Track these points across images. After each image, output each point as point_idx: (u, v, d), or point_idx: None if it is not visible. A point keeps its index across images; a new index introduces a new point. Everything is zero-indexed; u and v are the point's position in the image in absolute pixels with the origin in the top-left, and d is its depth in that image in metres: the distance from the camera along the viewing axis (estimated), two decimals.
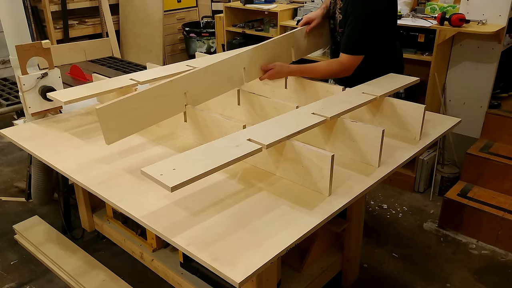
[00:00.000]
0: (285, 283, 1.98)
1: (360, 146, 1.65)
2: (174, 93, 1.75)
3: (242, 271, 1.13)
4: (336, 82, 2.33)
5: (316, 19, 2.29)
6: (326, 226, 1.55)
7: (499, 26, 2.79)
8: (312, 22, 2.29)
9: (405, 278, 2.41)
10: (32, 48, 2.01)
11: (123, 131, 1.64)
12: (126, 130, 1.65)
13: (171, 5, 5.39)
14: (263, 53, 2.08)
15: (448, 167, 3.14)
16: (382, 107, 1.91)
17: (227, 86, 1.96)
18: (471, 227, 2.70)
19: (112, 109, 1.59)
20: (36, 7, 4.55)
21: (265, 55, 2.08)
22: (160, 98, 1.70)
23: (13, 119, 2.37)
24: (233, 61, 1.96)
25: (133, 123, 1.65)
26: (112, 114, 1.59)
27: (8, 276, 2.44)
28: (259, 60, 2.06)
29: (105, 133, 1.59)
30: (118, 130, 1.62)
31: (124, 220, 2.40)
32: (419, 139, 1.84)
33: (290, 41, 2.23)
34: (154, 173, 1.26)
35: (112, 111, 1.59)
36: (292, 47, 2.23)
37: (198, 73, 1.83)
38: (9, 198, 3.16)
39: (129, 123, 1.64)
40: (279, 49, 2.17)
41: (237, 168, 1.62)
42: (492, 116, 3.03)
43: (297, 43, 2.26)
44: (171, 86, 1.74)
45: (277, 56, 2.15)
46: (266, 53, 2.09)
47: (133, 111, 1.64)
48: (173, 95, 1.74)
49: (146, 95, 1.67)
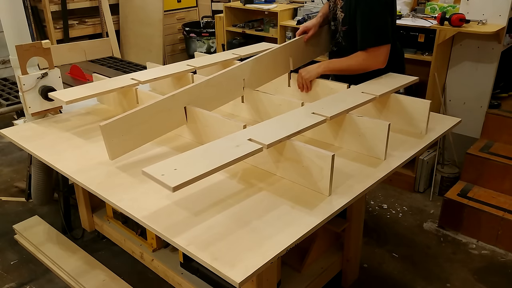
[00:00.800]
0: (285, 283, 1.98)
1: (368, 140, 1.69)
2: (176, 107, 1.77)
3: (242, 271, 1.13)
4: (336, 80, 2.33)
5: (313, 28, 2.31)
6: (326, 226, 1.55)
7: (499, 26, 2.79)
8: (310, 31, 2.32)
9: (405, 278, 2.41)
10: (32, 48, 2.01)
11: (126, 146, 1.66)
12: (129, 145, 1.67)
13: (171, 5, 5.39)
14: (262, 64, 2.11)
15: (448, 167, 3.14)
16: (388, 103, 1.94)
17: (228, 97, 2.00)
18: (471, 227, 2.70)
19: (116, 125, 1.61)
20: (36, 7, 4.55)
21: (264, 66, 2.12)
22: (162, 113, 1.73)
23: (13, 119, 2.37)
24: (233, 73, 1.99)
25: (136, 138, 1.68)
26: (116, 130, 1.61)
27: (8, 276, 2.44)
28: (258, 70, 2.09)
29: (109, 149, 1.62)
30: (122, 146, 1.65)
31: (124, 220, 2.40)
32: (426, 133, 1.87)
33: (288, 51, 2.26)
34: (156, 173, 1.26)
35: (116, 127, 1.61)
36: (290, 56, 2.26)
37: (199, 86, 1.85)
38: (9, 198, 3.16)
39: (133, 138, 1.67)
40: (278, 59, 2.20)
41: (237, 168, 1.62)
42: (492, 116, 3.03)
43: (295, 52, 2.29)
44: (173, 100, 1.76)
45: (276, 66, 2.19)
46: (265, 64, 2.12)
47: (136, 126, 1.66)
48: (175, 109, 1.77)
49: (149, 110, 1.69)
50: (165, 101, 1.73)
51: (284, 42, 3.81)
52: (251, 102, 2.03)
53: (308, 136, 1.85)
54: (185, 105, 1.80)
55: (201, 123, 1.78)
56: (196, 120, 1.79)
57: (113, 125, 1.60)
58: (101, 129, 1.57)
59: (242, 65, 2.02)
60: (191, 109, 1.79)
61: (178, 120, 1.80)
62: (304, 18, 3.49)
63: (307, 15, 3.50)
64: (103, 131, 1.58)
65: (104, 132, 1.58)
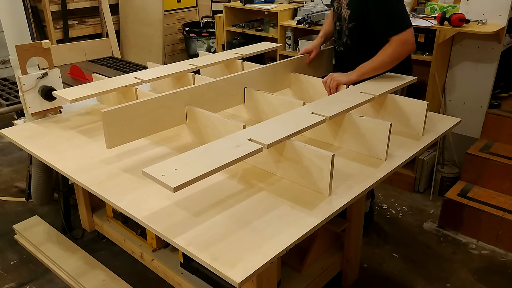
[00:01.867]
0: (285, 283, 1.98)
1: (368, 140, 1.68)
2: (177, 105, 1.79)
3: (242, 271, 1.13)
4: None
5: (315, 50, 2.35)
6: (326, 226, 1.55)
7: (499, 26, 2.79)
8: (311, 53, 2.35)
9: (405, 278, 2.41)
10: (32, 48, 2.01)
11: (124, 137, 1.67)
12: (127, 136, 1.68)
13: (171, 5, 5.39)
14: (264, 75, 2.13)
15: (448, 167, 3.14)
16: (385, 104, 1.94)
17: (228, 103, 2.01)
18: (471, 227, 2.70)
19: (117, 113, 1.62)
20: (36, 7, 4.55)
21: (266, 77, 2.14)
22: (163, 109, 1.74)
23: (13, 119, 2.37)
24: (235, 80, 2.00)
25: (134, 130, 1.69)
26: (116, 119, 1.62)
27: (8, 276, 2.44)
28: (260, 81, 2.11)
29: (107, 137, 1.62)
30: (120, 136, 1.65)
31: (124, 220, 2.40)
32: (422, 135, 1.86)
33: (291, 66, 2.28)
34: (156, 173, 1.26)
35: (117, 116, 1.62)
36: (291, 72, 2.28)
37: (202, 88, 1.87)
38: (9, 198, 3.16)
39: (131, 130, 1.68)
40: (280, 73, 2.22)
41: (237, 168, 1.62)
42: (492, 116, 3.03)
43: (297, 69, 2.31)
44: (175, 98, 1.77)
45: (277, 79, 2.21)
46: (267, 75, 2.15)
47: (136, 118, 1.68)
48: (175, 106, 1.78)
49: (150, 104, 1.71)
50: (167, 97, 1.75)
51: (284, 42, 3.87)
52: (252, 102, 2.03)
53: (308, 136, 1.85)
54: (186, 104, 1.81)
55: (201, 123, 1.78)
56: (196, 120, 1.80)
57: (114, 113, 1.61)
58: (102, 115, 1.58)
59: (245, 73, 2.05)
60: (192, 109, 1.80)
61: (178, 118, 1.81)
62: (304, 18, 3.48)
63: (307, 15, 3.49)
64: (104, 117, 1.59)
65: (105, 118, 1.59)
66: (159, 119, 1.75)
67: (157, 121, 1.75)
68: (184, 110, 1.81)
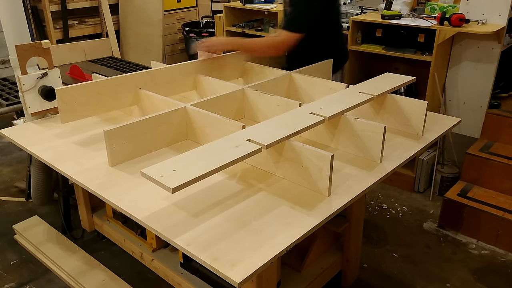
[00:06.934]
0: (285, 283, 1.98)
1: (364, 142, 1.68)
2: (178, 121, 1.80)
3: (242, 271, 1.13)
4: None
5: None
6: (326, 226, 1.55)
7: (499, 26, 2.79)
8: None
9: (405, 278, 2.41)
10: (32, 48, 2.00)
11: (126, 155, 1.68)
12: (129, 154, 1.69)
13: (171, 5, 5.39)
14: None
15: (448, 167, 3.14)
16: (385, 104, 1.94)
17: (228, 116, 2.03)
18: (471, 227, 2.70)
19: (119, 132, 1.63)
20: (36, 7, 4.55)
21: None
22: (164, 126, 1.76)
23: (13, 119, 2.37)
24: (234, 95, 2.01)
25: (136, 148, 1.70)
26: (119, 137, 1.63)
27: (8, 276, 2.44)
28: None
29: (109, 155, 1.63)
30: (122, 154, 1.66)
31: (124, 220, 2.40)
32: (422, 134, 1.86)
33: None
34: (155, 174, 1.26)
35: (119, 134, 1.63)
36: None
37: (201, 105, 1.86)
38: (9, 198, 3.16)
39: (133, 148, 1.69)
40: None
41: (237, 169, 1.62)
42: (492, 116, 3.03)
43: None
44: (176, 115, 1.78)
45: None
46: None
47: (137, 136, 1.68)
48: (176, 123, 1.79)
49: (152, 122, 1.72)
50: (168, 114, 1.76)
51: None
52: (250, 103, 2.02)
53: (305, 137, 1.84)
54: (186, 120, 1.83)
55: (200, 123, 1.78)
56: (195, 120, 1.79)
57: (116, 132, 1.62)
58: (105, 134, 1.59)
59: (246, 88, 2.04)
60: (190, 109, 1.80)
61: (178, 135, 1.82)
62: None
63: None
64: (107, 136, 1.60)
65: (107, 137, 1.60)
66: (160, 136, 1.76)
67: (158, 138, 1.75)
68: (185, 125, 1.82)
